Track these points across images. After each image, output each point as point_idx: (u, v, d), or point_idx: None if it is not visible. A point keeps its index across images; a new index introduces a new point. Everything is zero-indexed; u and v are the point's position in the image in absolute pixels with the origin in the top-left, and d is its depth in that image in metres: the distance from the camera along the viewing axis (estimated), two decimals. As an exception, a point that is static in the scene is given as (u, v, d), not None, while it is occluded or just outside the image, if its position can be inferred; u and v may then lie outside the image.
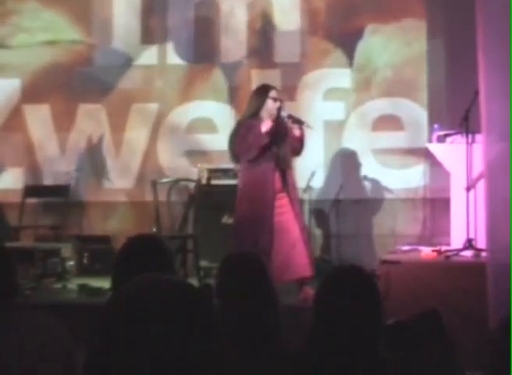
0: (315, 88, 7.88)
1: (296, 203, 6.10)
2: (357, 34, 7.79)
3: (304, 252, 5.92)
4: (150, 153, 8.05)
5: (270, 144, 5.91)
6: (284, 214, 5.97)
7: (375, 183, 7.72)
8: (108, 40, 8.18)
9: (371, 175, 7.73)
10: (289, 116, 6.04)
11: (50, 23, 8.26)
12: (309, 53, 7.90)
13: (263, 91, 6.08)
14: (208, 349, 1.36)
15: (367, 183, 7.74)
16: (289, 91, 7.55)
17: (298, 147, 6.08)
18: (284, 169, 6.02)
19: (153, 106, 8.08)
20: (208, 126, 8.01)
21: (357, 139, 7.77)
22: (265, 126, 5.90)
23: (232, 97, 7.98)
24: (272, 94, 6.02)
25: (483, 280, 5.18)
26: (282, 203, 5.99)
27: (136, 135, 8.08)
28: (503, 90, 5.13)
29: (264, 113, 6.00)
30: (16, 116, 8.21)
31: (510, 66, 5.10)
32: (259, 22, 7.99)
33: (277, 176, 5.98)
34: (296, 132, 5.99)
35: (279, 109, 6.01)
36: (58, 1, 8.24)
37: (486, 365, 2.23)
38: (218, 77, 8.03)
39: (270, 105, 5.98)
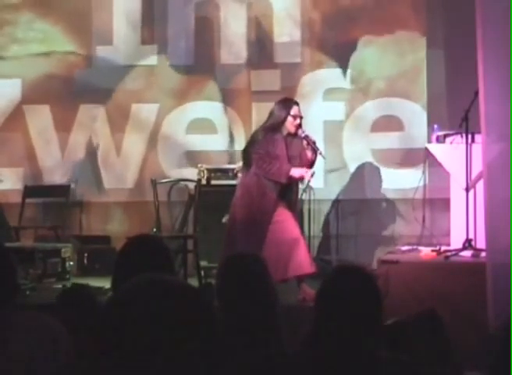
0: (315, 88, 7.87)
1: (296, 216, 6.15)
2: (352, 46, 7.79)
3: (305, 250, 5.94)
4: (150, 153, 8.04)
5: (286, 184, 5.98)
6: (281, 215, 5.98)
7: (375, 183, 7.72)
8: (105, 50, 8.15)
9: (370, 175, 7.72)
10: (306, 137, 6.04)
11: (45, 33, 8.23)
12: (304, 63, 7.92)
13: (285, 105, 6.07)
14: (208, 349, 1.37)
15: (366, 184, 7.74)
16: (289, 91, 7.54)
17: (307, 167, 6.11)
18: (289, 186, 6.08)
19: (153, 107, 8.07)
20: (208, 126, 8.00)
21: (356, 139, 7.77)
22: (296, 173, 5.94)
23: (232, 98, 7.98)
24: (294, 111, 6.02)
25: (483, 280, 5.18)
26: (281, 211, 6.01)
27: (137, 136, 8.07)
28: (503, 90, 5.14)
29: (283, 128, 6.02)
30: (16, 116, 8.21)
31: (509, 67, 5.10)
32: (255, 33, 7.99)
33: (281, 191, 6.03)
34: (308, 154, 6.03)
35: (298, 127, 6.01)
36: (54, 12, 8.17)
37: (486, 365, 2.24)
38: (217, 78, 8.03)
39: (290, 122, 6.00)
